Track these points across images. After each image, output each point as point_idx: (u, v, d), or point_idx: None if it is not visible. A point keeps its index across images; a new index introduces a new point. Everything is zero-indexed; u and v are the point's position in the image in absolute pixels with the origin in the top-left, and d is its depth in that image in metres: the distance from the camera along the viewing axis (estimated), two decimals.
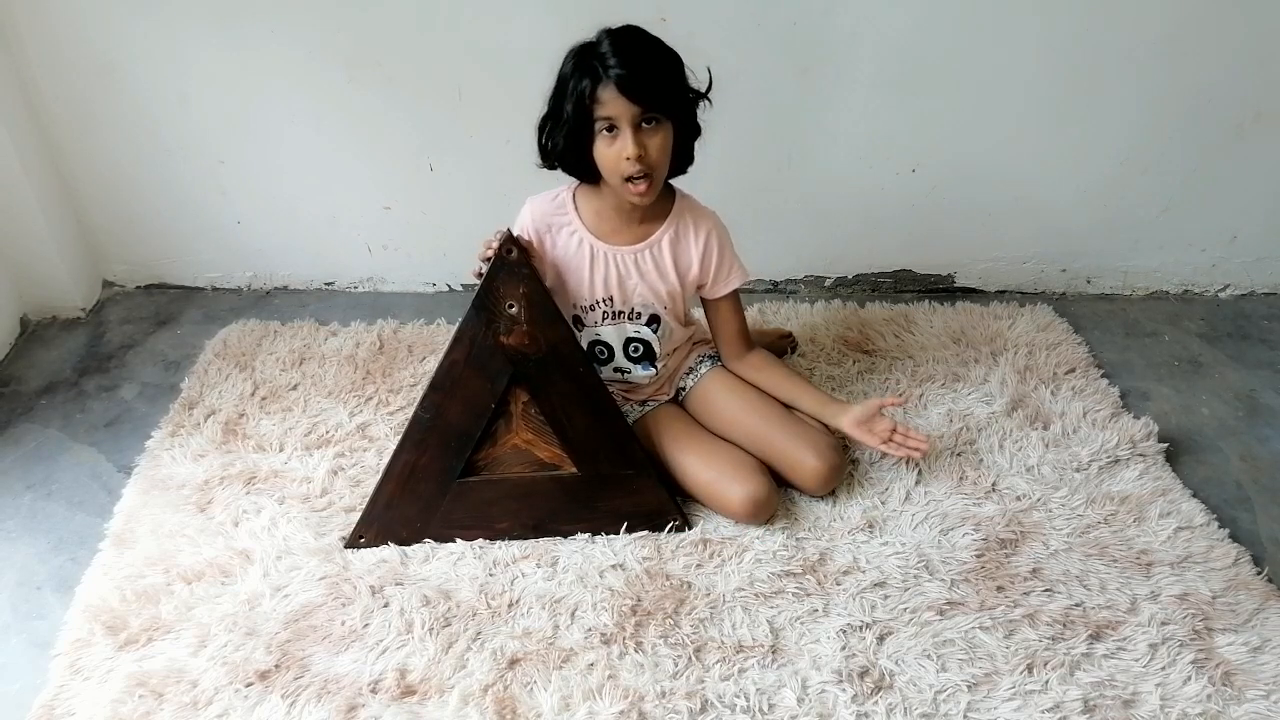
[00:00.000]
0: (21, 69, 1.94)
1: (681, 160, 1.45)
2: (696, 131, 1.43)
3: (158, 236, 2.20)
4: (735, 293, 1.59)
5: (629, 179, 1.35)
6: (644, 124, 1.33)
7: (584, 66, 1.31)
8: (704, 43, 1.33)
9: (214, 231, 2.19)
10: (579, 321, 1.56)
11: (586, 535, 1.54)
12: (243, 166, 2.08)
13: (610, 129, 1.33)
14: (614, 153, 1.34)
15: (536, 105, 1.41)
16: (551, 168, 1.43)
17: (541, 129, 1.41)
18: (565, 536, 1.53)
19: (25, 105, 1.98)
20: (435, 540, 1.53)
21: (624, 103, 1.29)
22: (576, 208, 1.49)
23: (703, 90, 1.40)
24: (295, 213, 2.16)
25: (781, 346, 1.96)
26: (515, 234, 1.46)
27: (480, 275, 1.41)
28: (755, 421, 1.59)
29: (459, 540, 1.53)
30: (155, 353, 2.05)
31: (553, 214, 1.50)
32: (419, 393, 1.86)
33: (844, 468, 1.62)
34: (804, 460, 1.55)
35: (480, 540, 1.53)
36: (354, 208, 2.15)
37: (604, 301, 1.54)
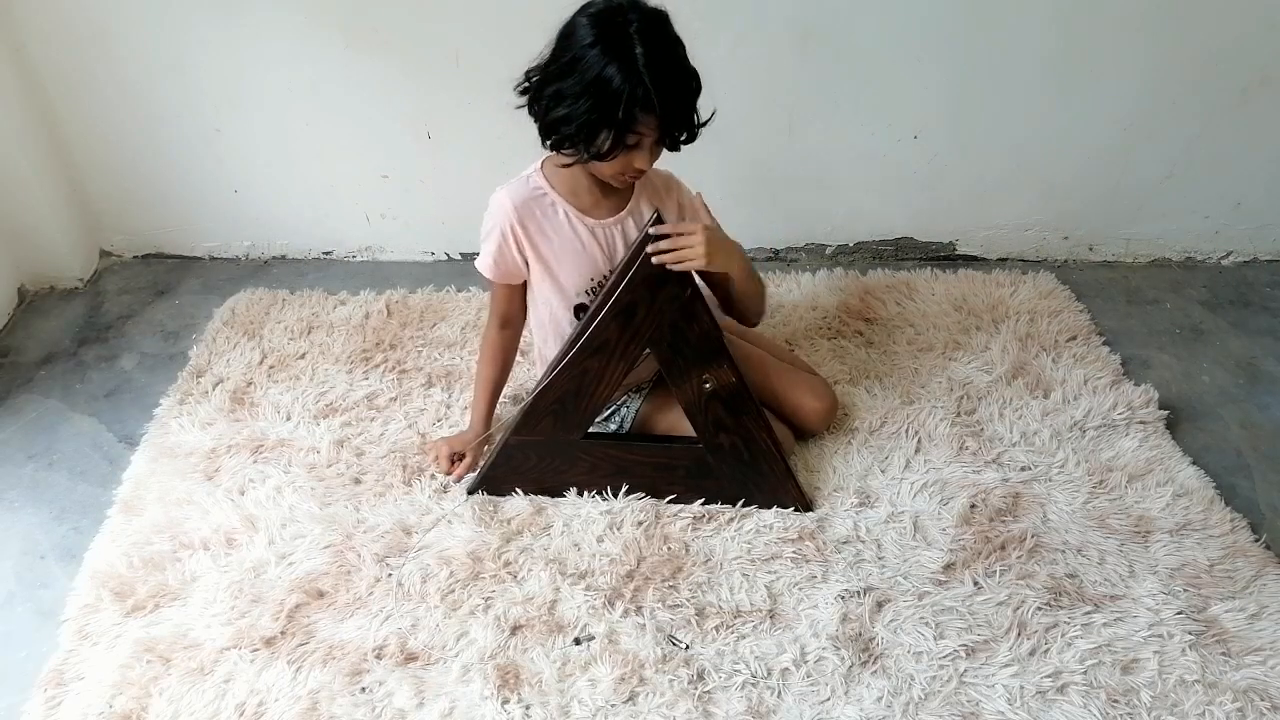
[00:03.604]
0: (14, 36, 1.92)
1: None
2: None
3: (155, 206, 2.19)
4: None
5: (626, 175, 1.36)
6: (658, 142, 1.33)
7: (630, 78, 1.23)
8: (705, 7, 1.31)
9: (211, 201, 2.17)
10: (583, 309, 1.51)
11: (590, 500, 1.55)
12: (239, 135, 2.06)
13: (636, 142, 1.31)
14: (625, 161, 1.33)
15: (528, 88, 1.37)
16: (559, 147, 1.36)
17: (553, 100, 1.30)
18: (685, 503, 1.55)
19: (19, 73, 1.96)
20: (551, 493, 1.56)
21: (656, 133, 1.30)
22: (552, 186, 1.45)
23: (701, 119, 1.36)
24: (293, 181, 2.14)
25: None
26: (499, 228, 1.43)
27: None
28: (752, 373, 1.61)
29: (570, 492, 1.56)
30: (154, 323, 2.05)
31: (532, 197, 1.45)
32: (429, 360, 1.86)
33: (837, 404, 1.71)
34: (805, 403, 1.64)
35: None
36: (352, 176, 2.13)
37: (607, 278, 1.52)
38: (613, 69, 1.23)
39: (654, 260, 1.34)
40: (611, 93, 1.24)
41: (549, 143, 1.36)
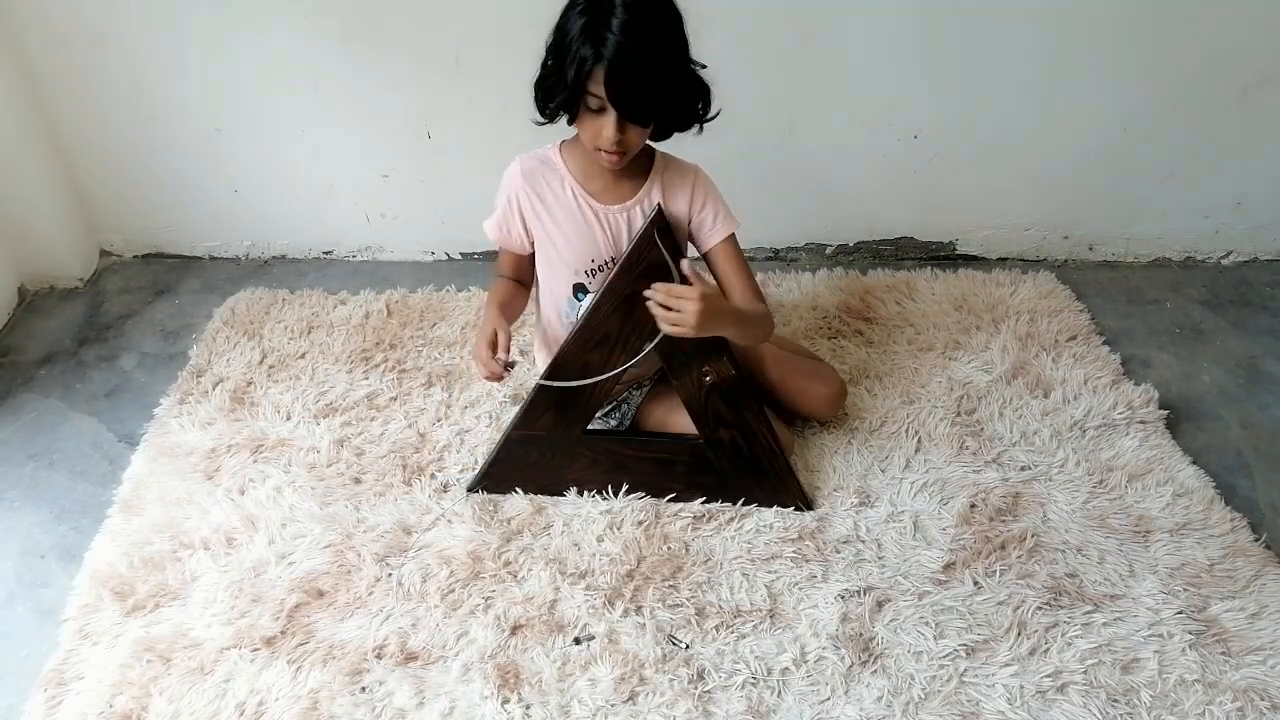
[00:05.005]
0: (14, 38, 1.92)
1: (670, 125, 1.40)
2: (694, 118, 1.38)
3: (155, 206, 2.19)
4: (735, 247, 1.53)
5: (601, 149, 1.35)
6: None
7: (590, 34, 1.24)
8: (706, 7, 1.31)
9: (211, 200, 2.17)
10: (581, 289, 1.54)
11: (590, 499, 1.55)
12: (239, 134, 2.06)
13: (599, 106, 1.30)
14: (595, 127, 1.32)
15: (534, 71, 1.38)
16: (543, 112, 1.37)
17: (543, 66, 1.34)
18: (685, 501, 1.55)
19: (19, 74, 1.96)
20: (550, 490, 1.56)
21: (607, 100, 1.27)
22: (565, 164, 1.47)
23: (703, 110, 1.35)
24: (292, 181, 2.14)
25: None
26: (506, 194, 1.44)
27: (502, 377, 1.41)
28: (756, 363, 1.61)
29: (571, 492, 1.56)
30: (154, 322, 2.05)
31: (542, 169, 1.46)
32: (429, 360, 1.86)
33: (846, 389, 1.71)
34: (813, 388, 1.65)
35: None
36: (352, 176, 2.13)
37: (610, 263, 1.52)
38: (578, 24, 1.25)
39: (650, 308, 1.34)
40: (567, 44, 1.26)
41: (536, 102, 1.36)
